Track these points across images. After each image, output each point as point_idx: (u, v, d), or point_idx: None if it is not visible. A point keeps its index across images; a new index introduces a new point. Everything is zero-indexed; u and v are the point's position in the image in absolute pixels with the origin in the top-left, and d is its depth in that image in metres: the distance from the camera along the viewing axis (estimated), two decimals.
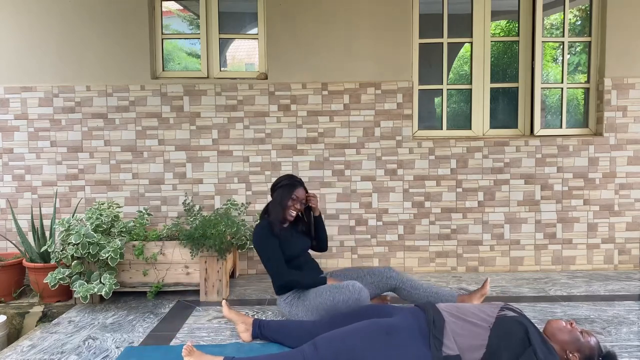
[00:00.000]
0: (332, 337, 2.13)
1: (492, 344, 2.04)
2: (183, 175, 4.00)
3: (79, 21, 3.92)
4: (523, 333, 2.04)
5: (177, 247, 3.33)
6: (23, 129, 3.97)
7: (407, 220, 4.02)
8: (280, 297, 2.87)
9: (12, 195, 3.98)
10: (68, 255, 3.12)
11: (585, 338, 2.10)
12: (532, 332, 2.06)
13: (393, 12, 3.94)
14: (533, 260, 4.04)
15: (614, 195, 4.01)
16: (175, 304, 3.29)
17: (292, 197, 2.89)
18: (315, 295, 2.71)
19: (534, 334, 2.05)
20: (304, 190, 2.97)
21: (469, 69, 4.18)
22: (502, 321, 2.11)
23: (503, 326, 2.09)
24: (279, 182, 2.97)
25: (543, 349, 2.00)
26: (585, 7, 4.23)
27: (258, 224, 2.91)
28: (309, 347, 2.13)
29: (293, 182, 2.94)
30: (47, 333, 2.84)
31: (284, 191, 2.91)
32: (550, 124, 4.38)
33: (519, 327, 2.07)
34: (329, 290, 2.67)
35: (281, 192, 2.91)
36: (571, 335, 2.11)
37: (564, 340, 2.09)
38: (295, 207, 2.92)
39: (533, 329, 2.09)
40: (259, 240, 2.84)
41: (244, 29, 4.60)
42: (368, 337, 2.08)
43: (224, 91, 3.98)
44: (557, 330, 2.13)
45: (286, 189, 2.91)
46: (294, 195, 2.90)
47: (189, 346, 2.25)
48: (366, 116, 4.00)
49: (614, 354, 2.14)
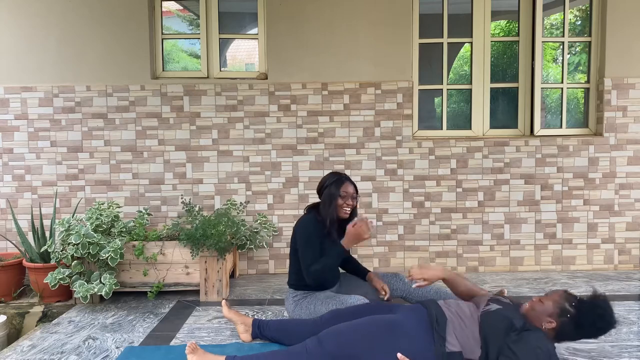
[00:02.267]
0: (336, 332, 2.14)
1: (483, 339, 2.05)
2: (183, 175, 4.00)
3: (79, 21, 3.92)
4: (506, 325, 2.03)
5: (177, 247, 3.33)
6: (23, 129, 3.97)
7: (407, 220, 4.02)
8: (290, 292, 2.86)
9: (12, 195, 3.98)
10: (68, 255, 3.12)
11: (547, 300, 2.08)
12: (517, 322, 2.05)
13: (393, 12, 3.94)
14: (533, 260, 4.04)
15: (614, 195, 4.01)
16: (175, 304, 3.29)
17: (341, 194, 2.75)
18: (322, 302, 2.69)
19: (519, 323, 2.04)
20: (353, 185, 2.83)
21: (469, 69, 4.18)
22: (487, 316, 2.11)
23: (487, 321, 2.09)
24: (324, 181, 2.84)
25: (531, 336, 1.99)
26: (585, 7, 4.23)
27: (305, 216, 2.83)
28: (312, 341, 2.13)
29: (339, 177, 2.82)
30: (47, 333, 2.84)
31: (332, 189, 2.77)
32: (550, 124, 4.38)
33: (502, 320, 2.06)
34: (335, 302, 2.64)
35: (329, 192, 2.78)
36: (538, 308, 2.09)
37: (537, 317, 2.08)
38: (347, 203, 2.77)
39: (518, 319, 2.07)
40: (303, 229, 2.74)
41: (244, 29, 4.60)
42: (371, 333, 2.09)
43: (224, 91, 3.98)
44: (528, 312, 2.12)
45: (334, 186, 2.78)
46: (342, 191, 2.76)
47: (193, 344, 2.25)
48: (366, 116, 4.00)
49: (593, 293, 2.10)
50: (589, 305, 2.04)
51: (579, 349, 2.51)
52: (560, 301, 2.06)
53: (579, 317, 2.02)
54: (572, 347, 2.53)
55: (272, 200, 4.01)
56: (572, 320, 2.03)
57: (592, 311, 2.03)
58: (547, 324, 2.05)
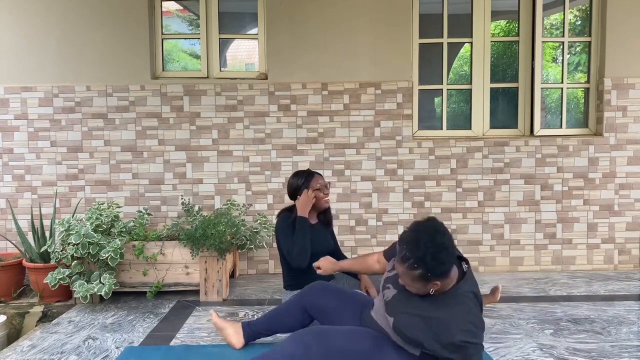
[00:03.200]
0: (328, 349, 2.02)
1: (411, 340, 1.93)
2: (183, 175, 4.00)
3: (79, 21, 3.92)
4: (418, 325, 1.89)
5: (177, 247, 3.33)
6: (23, 129, 3.97)
7: (407, 220, 4.02)
8: (287, 294, 2.87)
9: (12, 195, 3.97)
10: (68, 255, 3.12)
11: (407, 281, 1.87)
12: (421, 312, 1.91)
13: (393, 12, 3.94)
14: (533, 260, 4.04)
15: (614, 195, 4.01)
16: (175, 304, 3.29)
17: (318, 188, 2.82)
18: None
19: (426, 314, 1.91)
20: (320, 175, 2.90)
21: (469, 69, 4.18)
22: (396, 325, 1.97)
23: (398, 328, 1.96)
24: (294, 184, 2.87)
25: (451, 322, 1.83)
26: (585, 7, 4.23)
27: (280, 216, 2.87)
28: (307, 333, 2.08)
29: (308, 174, 2.87)
30: (47, 333, 2.84)
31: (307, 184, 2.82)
32: (550, 124, 4.38)
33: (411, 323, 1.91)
34: None
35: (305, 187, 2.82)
36: (412, 285, 1.87)
37: (405, 281, 1.89)
38: (325, 193, 2.86)
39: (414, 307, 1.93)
40: (278, 228, 2.82)
41: (244, 29, 4.61)
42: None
43: (224, 91, 3.98)
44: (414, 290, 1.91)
45: (307, 183, 2.82)
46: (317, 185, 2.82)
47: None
48: (366, 116, 4.00)
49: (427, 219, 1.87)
50: (422, 258, 1.77)
51: (578, 349, 2.51)
52: (410, 273, 1.81)
53: (430, 269, 1.77)
54: (572, 347, 2.53)
55: (272, 200, 4.01)
56: (429, 271, 1.78)
57: (431, 259, 1.76)
58: (432, 287, 1.82)
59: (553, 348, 2.53)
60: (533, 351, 2.49)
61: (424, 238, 1.78)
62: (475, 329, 1.83)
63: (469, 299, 1.88)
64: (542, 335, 2.70)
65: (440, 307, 1.86)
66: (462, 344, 1.78)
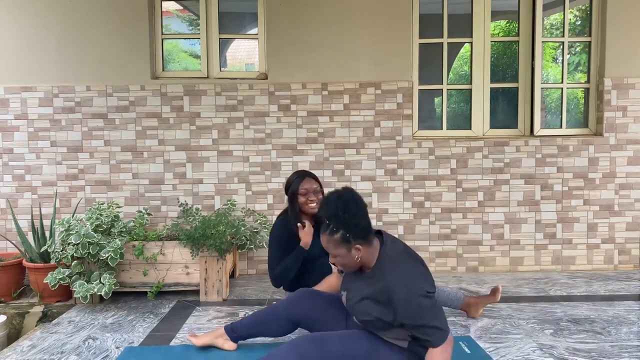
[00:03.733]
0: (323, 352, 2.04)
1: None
2: (183, 175, 4.00)
3: (79, 21, 3.92)
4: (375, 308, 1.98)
5: (177, 247, 3.33)
6: (23, 129, 3.97)
7: (407, 220, 4.02)
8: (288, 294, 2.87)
9: (12, 195, 3.97)
10: (68, 255, 3.12)
11: (334, 249, 1.98)
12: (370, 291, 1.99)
13: (393, 12, 3.94)
14: (533, 260, 4.04)
15: (614, 195, 4.01)
16: (175, 304, 3.29)
17: (301, 191, 2.80)
18: None
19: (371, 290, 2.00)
20: (315, 179, 2.87)
21: (469, 69, 4.18)
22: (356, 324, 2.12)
23: (357, 314, 2.08)
24: (288, 182, 2.89)
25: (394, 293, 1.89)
26: (585, 7, 4.23)
27: (277, 221, 2.88)
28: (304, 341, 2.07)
29: (299, 175, 2.88)
30: (47, 333, 2.84)
31: (293, 187, 2.84)
32: (550, 124, 4.38)
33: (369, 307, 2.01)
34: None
35: (291, 191, 2.84)
36: (343, 261, 2.00)
37: (352, 264, 2.00)
38: (310, 199, 2.81)
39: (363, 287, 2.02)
40: (272, 232, 2.85)
41: (244, 29, 4.61)
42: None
43: (224, 91, 3.98)
44: (349, 268, 2.04)
45: (294, 184, 2.84)
46: (301, 188, 2.81)
47: None
48: (366, 116, 4.00)
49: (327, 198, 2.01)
50: (335, 213, 1.94)
51: (578, 349, 2.51)
52: (332, 238, 1.96)
53: (345, 225, 1.93)
54: (572, 347, 2.53)
55: (272, 200, 4.01)
56: (347, 229, 1.92)
57: (343, 211, 1.92)
58: (355, 252, 1.94)
59: (553, 348, 2.53)
60: (533, 351, 2.49)
61: (333, 198, 1.97)
62: (416, 279, 1.89)
63: (398, 258, 1.97)
64: (542, 335, 2.70)
65: (376, 279, 1.95)
66: (408, 298, 1.85)
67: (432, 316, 1.87)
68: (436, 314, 1.89)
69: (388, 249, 2.00)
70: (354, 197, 1.97)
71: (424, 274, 1.97)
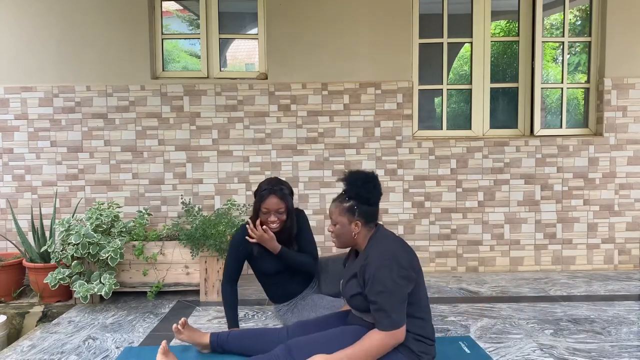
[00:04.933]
0: (309, 342, 2.07)
1: None
2: (183, 175, 4.00)
3: (79, 21, 3.92)
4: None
5: (177, 247, 3.33)
6: (23, 129, 3.97)
7: (407, 220, 4.02)
8: (275, 307, 2.87)
9: (12, 195, 3.97)
10: (68, 255, 3.12)
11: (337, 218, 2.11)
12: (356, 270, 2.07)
13: (393, 12, 3.94)
14: (533, 260, 4.04)
15: (614, 195, 4.01)
16: (175, 304, 3.29)
17: (262, 211, 2.55)
18: (310, 311, 2.66)
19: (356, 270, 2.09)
20: (279, 198, 2.55)
21: (469, 69, 4.18)
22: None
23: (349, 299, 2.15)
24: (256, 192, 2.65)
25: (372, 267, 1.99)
26: (585, 7, 4.23)
27: (239, 228, 2.72)
28: (281, 350, 2.06)
29: (264, 190, 2.57)
30: (47, 333, 2.84)
31: (256, 204, 2.60)
32: (550, 124, 4.38)
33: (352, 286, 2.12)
34: (325, 308, 2.61)
35: (254, 207, 2.62)
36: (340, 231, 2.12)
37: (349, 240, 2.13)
38: (271, 220, 2.55)
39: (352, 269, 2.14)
40: (231, 240, 2.72)
41: (244, 29, 4.60)
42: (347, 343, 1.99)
43: (224, 91, 3.98)
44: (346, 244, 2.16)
45: (257, 201, 2.59)
46: (263, 208, 2.54)
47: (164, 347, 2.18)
48: (366, 116, 4.00)
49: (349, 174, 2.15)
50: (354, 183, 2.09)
51: (578, 349, 2.51)
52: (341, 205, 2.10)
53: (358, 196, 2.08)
54: (572, 347, 2.53)
55: None
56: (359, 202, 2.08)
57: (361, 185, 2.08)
58: (354, 227, 2.08)
59: (553, 348, 2.53)
60: (533, 351, 2.49)
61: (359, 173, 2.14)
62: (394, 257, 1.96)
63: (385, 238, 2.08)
64: (542, 335, 2.70)
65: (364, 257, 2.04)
66: (376, 269, 1.92)
67: (388, 298, 1.90)
68: (394, 300, 1.91)
69: (379, 232, 2.12)
70: (376, 181, 2.11)
71: (405, 258, 2.00)
